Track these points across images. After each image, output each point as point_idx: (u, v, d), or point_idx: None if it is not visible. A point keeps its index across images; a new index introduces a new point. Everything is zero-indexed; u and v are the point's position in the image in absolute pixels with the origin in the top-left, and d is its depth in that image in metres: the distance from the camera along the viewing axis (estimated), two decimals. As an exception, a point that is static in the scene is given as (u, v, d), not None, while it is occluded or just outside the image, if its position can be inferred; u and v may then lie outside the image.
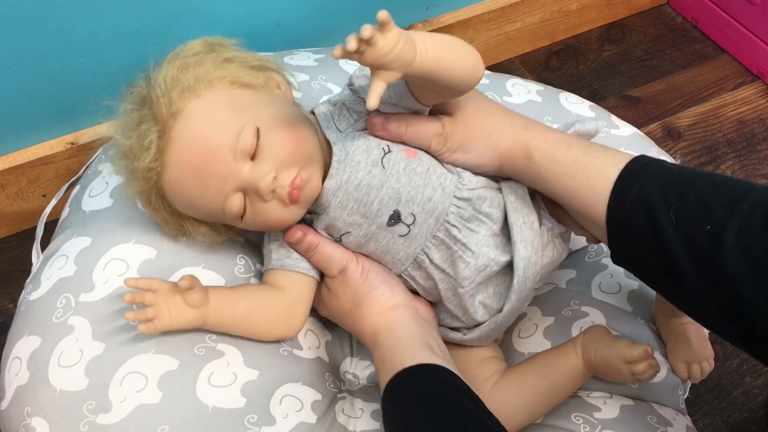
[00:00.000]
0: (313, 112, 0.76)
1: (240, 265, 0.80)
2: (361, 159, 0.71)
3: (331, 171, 0.71)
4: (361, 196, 0.71)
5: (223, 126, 0.67)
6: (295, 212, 0.70)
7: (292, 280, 0.75)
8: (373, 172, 0.71)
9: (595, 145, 0.68)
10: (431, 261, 0.74)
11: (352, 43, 0.55)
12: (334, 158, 0.71)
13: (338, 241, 0.74)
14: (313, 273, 0.75)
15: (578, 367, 0.77)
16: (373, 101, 0.59)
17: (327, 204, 0.71)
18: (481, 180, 0.74)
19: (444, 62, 0.62)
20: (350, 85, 0.74)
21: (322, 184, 0.71)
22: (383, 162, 0.71)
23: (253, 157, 0.67)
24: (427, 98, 0.69)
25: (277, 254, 0.75)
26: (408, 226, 0.72)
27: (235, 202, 0.68)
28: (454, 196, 0.72)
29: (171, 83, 0.67)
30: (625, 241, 0.64)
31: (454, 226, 0.72)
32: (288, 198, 0.67)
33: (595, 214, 0.65)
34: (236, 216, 0.69)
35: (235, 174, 0.67)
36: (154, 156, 0.67)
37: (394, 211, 0.72)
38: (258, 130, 0.67)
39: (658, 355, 0.81)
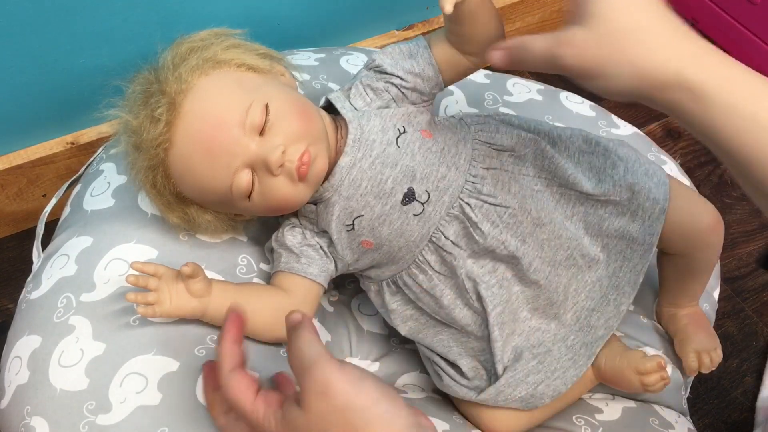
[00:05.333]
0: (327, 99, 0.77)
1: (242, 265, 0.79)
2: (376, 138, 0.72)
3: (346, 149, 0.72)
4: (375, 174, 0.72)
5: (233, 101, 0.67)
6: (303, 191, 0.70)
7: (298, 283, 0.75)
8: (387, 150, 0.72)
9: None
10: (446, 237, 0.73)
11: None
12: (349, 136, 0.72)
13: (351, 227, 0.74)
14: (320, 280, 0.75)
15: (587, 375, 0.76)
16: (449, 6, 0.61)
17: (340, 183, 0.72)
18: (495, 161, 0.75)
19: (487, 7, 0.68)
20: (371, 63, 0.75)
21: (336, 162, 0.72)
22: (398, 141, 0.72)
23: (261, 133, 0.68)
24: (448, 64, 0.74)
25: (286, 258, 0.75)
26: (422, 204, 0.72)
27: (244, 178, 0.68)
28: (469, 173, 0.73)
29: (179, 62, 0.68)
30: None
31: (467, 204, 0.72)
32: (296, 173, 0.68)
33: None
34: (244, 194, 0.69)
35: (243, 149, 0.67)
36: (163, 128, 0.67)
37: (408, 189, 0.72)
38: (267, 106, 0.67)
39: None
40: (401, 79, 0.74)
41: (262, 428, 0.55)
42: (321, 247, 0.76)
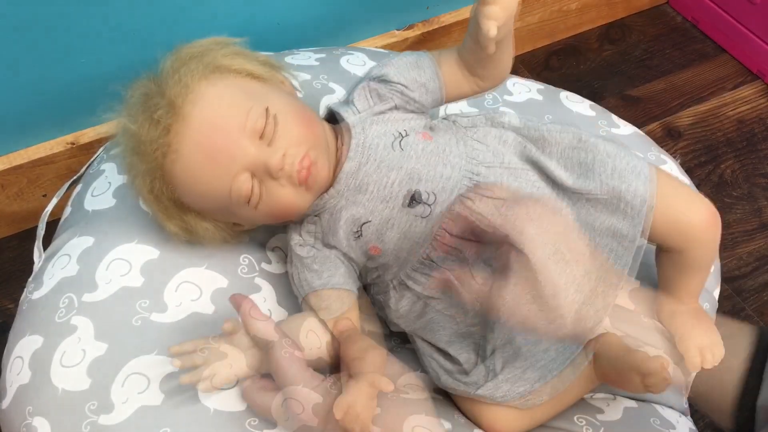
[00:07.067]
0: (328, 109, 0.77)
1: (243, 265, 0.80)
2: (379, 142, 0.72)
3: (350, 154, 0.72)
4: (380, 177, 0.72)
5: (234, 105, 0.68)
6: (305, 197, 0.70)
7: (327, 297, 0.74)
8: (391, 154, 0.72)
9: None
10: (450, 234, 0.73)
11: None
12: (353, 141, 0.72)
13: (358, 234, 0.74)
14: (348, 286, 0.75)
15: (588, 375, 0.76)
16: (494, 30, 0.65)
17: (346, 188, 0.72)
18: (489, 157, 0.76)
19: (507, 44, 0.72)
20: (374, 73, 0.76)
21: (342, 168, 0.72)
22: (401, 144, 0.73)
23: (262, 137, 0.68)
24: (452, 83, 0.75)
25: (309, 277, 0.74)
26: (430, 206, 0.72)
27: (243, 182, 0.68)
28: (467, 170, 0.74)
29: (180, 66, 0.68)
30: None
31: (468, 198, 0.73)
32: (297, 177, 0.68)
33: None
34: (244, 199, 0.69)
35: (243, 152, 0.67)
36: (162, 131, 0.67)
37: (414, 191, 0.72)
38: (267, 110, 0.67)
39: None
40: (405, 87, 0.74)
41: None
42: (337, 256, 0.75)
